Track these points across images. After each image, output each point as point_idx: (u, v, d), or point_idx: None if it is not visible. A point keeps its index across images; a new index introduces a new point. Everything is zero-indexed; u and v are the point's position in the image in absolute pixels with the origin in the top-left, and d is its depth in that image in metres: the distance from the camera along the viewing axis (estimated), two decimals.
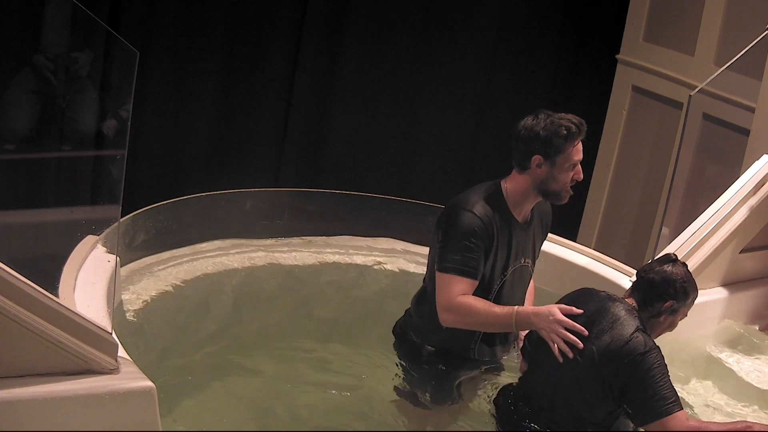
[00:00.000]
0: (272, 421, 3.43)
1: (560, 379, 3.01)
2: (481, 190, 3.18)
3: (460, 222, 3.08)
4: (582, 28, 6.69)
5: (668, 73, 6.14)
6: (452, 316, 3.10)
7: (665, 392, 2.88)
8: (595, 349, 2.94)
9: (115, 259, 3.58)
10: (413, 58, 6.30)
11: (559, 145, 3.07)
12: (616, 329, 2.94)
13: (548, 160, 3.09)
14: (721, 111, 5.44)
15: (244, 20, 5.78)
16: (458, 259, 3.06)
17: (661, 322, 3.09)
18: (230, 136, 5.97)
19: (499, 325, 3.13)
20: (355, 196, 5.14)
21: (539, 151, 3.09)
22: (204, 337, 4.02)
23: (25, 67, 4.70)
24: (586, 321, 2.99)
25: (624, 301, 3.07)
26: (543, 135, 3.07)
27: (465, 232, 3.06)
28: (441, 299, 3.11)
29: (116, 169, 3.67)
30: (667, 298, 3.06)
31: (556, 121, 3.08)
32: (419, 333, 3.38)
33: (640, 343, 2.90)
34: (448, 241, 3.09)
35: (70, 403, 2.58)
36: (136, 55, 2.89)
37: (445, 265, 3.09)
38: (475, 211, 3.08)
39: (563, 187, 3.14)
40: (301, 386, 3.69)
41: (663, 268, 3.10)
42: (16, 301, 2.49)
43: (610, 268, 4.41)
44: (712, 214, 4.38)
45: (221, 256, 4.62)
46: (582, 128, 3.11)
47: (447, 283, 3.08)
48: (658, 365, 2.89)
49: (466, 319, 3.11)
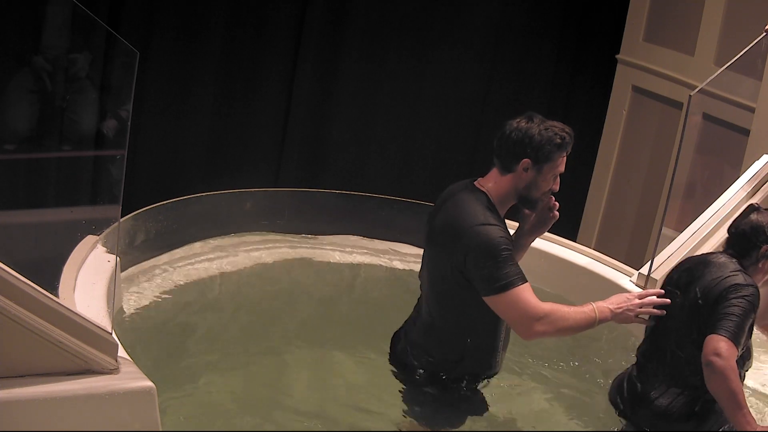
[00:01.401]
0: (273, 420, 3.43)
1: (671, 328, 3.18)
2: (472, 200, 3.05)
3: (487, 238, 2.92)
4: (582, 28, 6.69)
5: (668, 73, 6.14)
6: (545, 326, 2.92)
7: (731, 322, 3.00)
8: (698, 290, 3.12)
9: (115, 259, 3.58)
10: (413, 58, 6.30)
11: (550, 153, 3.00)
12: (716, 271, 3.15)
13: (536, 166, 3.02)
14: (721, 111, 5.44)
15: (244, 20, 5.78)
16: (510, 271, 2.90)
17: (760, 268, 3.24)
18: (230, 136, 5.97)
19: (585, 324, 3.01)
20: (355, 196, 5.14)
21: (530, 156, 3.01)
22: (204, 337, 4.02)
23: (25, 68, 4.70)
24: (687, 272, 3.22)
25: (723, 253, 3.27)
26: (537, 140, 3.00)
27: (497, 244, 2.91)
28: (525, 314, 2.90)
29: (116, 169, 3.66)
30: (761, 244, 3.20)
31: (551, 128, 3.02)
32: (438, 367, 3.16)
33: (740, 279, 3.09)
34: (487, 261, 2.91)
35: (70, 403, 2.58)
36: (136, 55, 2.89)
37: (503, 283, 2.89)
38: (492, 222, 2.97)
39: (541, 197, 3.08)
40: (302, 386, 3.69)
41: (750, 218, 3.25)
42: (16, 301, 2.49)
43: (610, 268, 4.42)
44: (712, 214, 4.39)
45: (221, 256, 4.62)
46: (572, 140, 3.05)
47: (519, 298, 2.90)
48: (746, 302, 3.04)
49: (559, 324, 2.95)
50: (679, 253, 4.25)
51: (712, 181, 5.04)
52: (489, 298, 2.94)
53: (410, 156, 6.50)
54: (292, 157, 6.17)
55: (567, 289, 4.36)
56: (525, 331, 2.95)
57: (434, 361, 3.16)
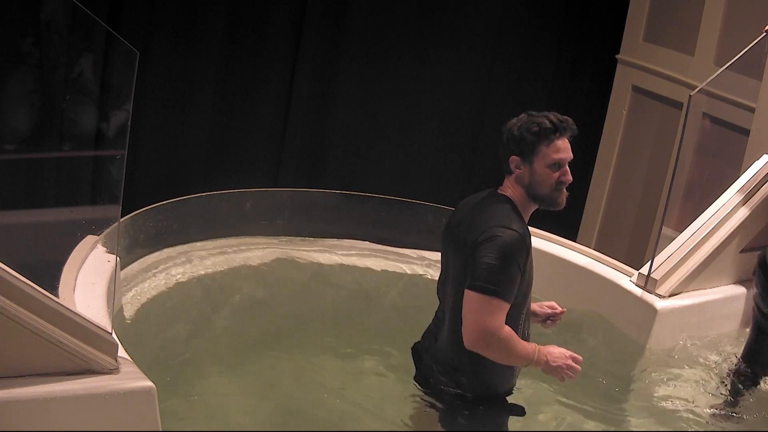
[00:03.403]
0: (273, 420, 3.43)
1: None
2: (497, 204, 2.97)
3: (512, 245, 2.86)
4: (582, 28, 6.69)
5: (668, 73, 6.14)
6: (492, 344, 2.87)
7: None
8: None
9: (115, 259, 3.58)
10: (413, 58, 6.29)
11: (533, 144, 2.93)
12: None
13: (525, 161, 2.95)
14: (721, 111, 5.44)
15: (244, 20, 5.77)
16: (504, 281, 2.84)
17: None
18: (230, 136, 5.97)
19: (522, 360, 2.95)
20: (355, 196, 5.14)
21: (515, 152, 2.96)
22: (204, 337, 4.02)
23: (25, 68, 4.70)
24: None
25: None
26: (516, 134, 2.94)
27: (510, 252, 2.85)
28: (485, 326, 2.84)
29: (116, 169, 3.66)
30: None
31: (532, 119, 2.95)
32: (466, 385, 3.06)
33: None
34: (494, 259, 2.83)
35: (70, 403, 2.58)
36: (136, 55, 2.89)
37: (493, 288, 2.83)
38: (516, 228, 2.90)
39: (550, 190, 2.97)
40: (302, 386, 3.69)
41: None
42: (16, 301, 2.49)
43: (610, 268, 4.42)
44: (712, 214, 4.39)
45: (221, 256, 4.62)
46: (561, 126, 2.95)
47: (493, 309, 2.83)
48: None
49: (498, 351, 2.89)
50: (679, 253, 4.25)
51: (712, 181, 5.04)
52: (468, 292, 2.87)
53: (410, 156, 6.49)
54: (292, 157, 6.17)
55: (567, 289, 4.35)
56: (474, 338, 2.87)
57: (461, 377, 3.05)
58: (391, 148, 6.43)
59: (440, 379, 3.08)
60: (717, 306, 4.34)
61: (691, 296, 4.25)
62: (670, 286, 4.17)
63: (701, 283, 4.32)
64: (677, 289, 4.20)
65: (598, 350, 4.11)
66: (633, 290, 4.20)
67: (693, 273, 4.25)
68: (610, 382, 3.88)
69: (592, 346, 4.12)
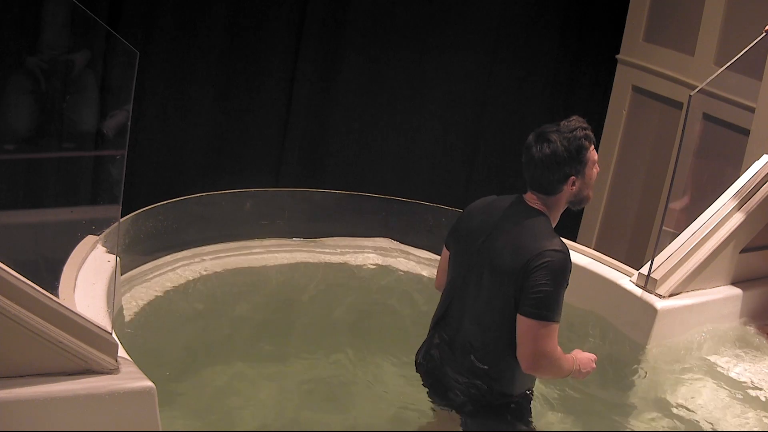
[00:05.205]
0: (273, 420, 3.43)
1: None
2: (538, 221, 3.02)
3: (564, 268, 2.94)
4: (582, 28, 6.69)
5: (668, 73, 6.14)
6: (543, 367, 2.98)
7: None
8: None
9: (115, 259, 3.58)
10: (413, 58, 6.30)
11: (584, 156, 3.02)
12: None
13: (580, 174, 3.04)
14: (721, 111, 5.44)
15: (244, 20, 5.78)
16: (558, 305, 2.94)
17: None
18: (230, 136, 5.97)
19: (567, 374, 3.09)
20: (355, 196, 5.14)
21: (572, 172, 3.02)
22: (204, 337, 4.02)
23: (26, 68, 4.70)
24: None
25: None
26: (569, 156, 2.98)
27: (563, 275, 2.94)
28: (543, 350, 2.93)
29: (116, 169, 3.66)
30: None
31: (571, 135, 2.99)
32: (494, 389, 3.10)
33: None
34: (547, 288, 2.90)
35: (70, 403, 2.58)
36: (136, 55, 2.89)
37: (548, 314, 2.91)
38: (563, 249, 2.96)
39: (591, 187, 3.11)
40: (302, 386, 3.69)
41: None
42: (16, 301, 2.49)
43: (610, 268, 4.41)
44: (712, 214, 4.39)
45: (221, 256, 4.62)
46: (588, 126, 3.06)
47: (550, 334, 2.93)
48: None
49: (552, 371, 3.03)
50: (679, 253, 4.25)
51: (712, 181, 5.04)
52: (525, 319, 2.93)
53: (410, 156, 6.50)
54: (293, 157, 6.17)
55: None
56: (532, 364, 2.96)
57: (494, 384, 3.09)
58: (392, 148, 6.43)
59: (470, 392, 3.11)
60: (717, 306, 4.34)
61: (691, 296, 4.25)
62: (670, 286, 4.17)
63: (701, 283, 4.31)
64: (677, 289, 4.20)
65: (597, 350, 4.11)
66: (633, 290, 4.20)
67: (693, 273, 4.24)
68: (610, 382, 3.88)
69: (592, 346, 4.11)
